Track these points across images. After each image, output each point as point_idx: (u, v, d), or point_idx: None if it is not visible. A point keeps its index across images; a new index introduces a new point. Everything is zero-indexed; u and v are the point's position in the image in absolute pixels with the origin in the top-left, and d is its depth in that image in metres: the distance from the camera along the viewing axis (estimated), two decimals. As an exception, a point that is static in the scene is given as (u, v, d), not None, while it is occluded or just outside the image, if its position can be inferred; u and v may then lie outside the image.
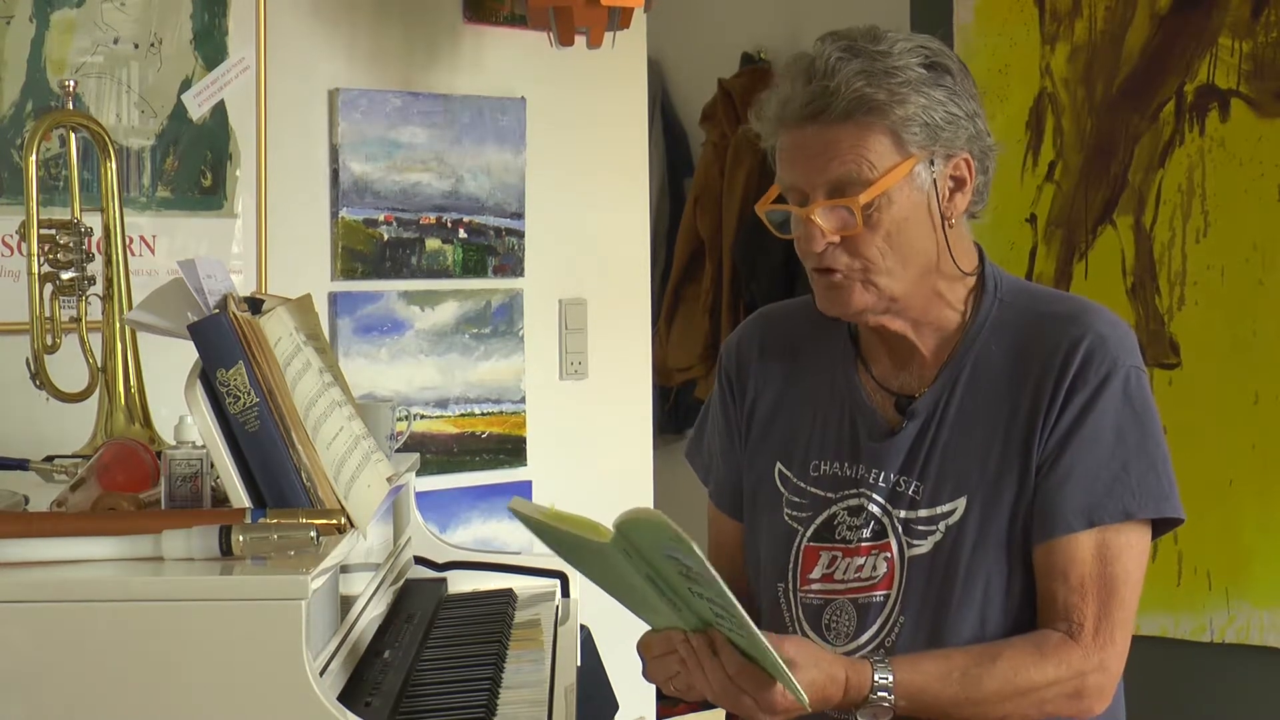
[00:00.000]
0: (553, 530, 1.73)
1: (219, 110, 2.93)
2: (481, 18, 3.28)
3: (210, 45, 2.91)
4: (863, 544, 1.93)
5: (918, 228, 1.88)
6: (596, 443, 3.47)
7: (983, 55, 3.85)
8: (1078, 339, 1.89)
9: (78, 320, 2.42)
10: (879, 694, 1.78)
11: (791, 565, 1.97)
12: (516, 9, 3.18)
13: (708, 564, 1.60)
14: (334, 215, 3.10)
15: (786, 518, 2.00)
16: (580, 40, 3.08)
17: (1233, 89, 3.56)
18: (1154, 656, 3.58)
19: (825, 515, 1.97)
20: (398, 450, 2.50)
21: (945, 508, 1.90)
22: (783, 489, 2.02)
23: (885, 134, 1.84)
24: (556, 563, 2.56)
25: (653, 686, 3.40)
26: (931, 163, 1.87)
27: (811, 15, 4.73)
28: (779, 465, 2.03)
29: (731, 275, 4.94)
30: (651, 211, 3.72)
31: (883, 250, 1.87)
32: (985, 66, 3.85)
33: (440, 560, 2.59)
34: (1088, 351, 1.88)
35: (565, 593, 2.54)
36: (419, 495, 2.67)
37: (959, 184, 1.91)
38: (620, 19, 3.04)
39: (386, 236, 3.15)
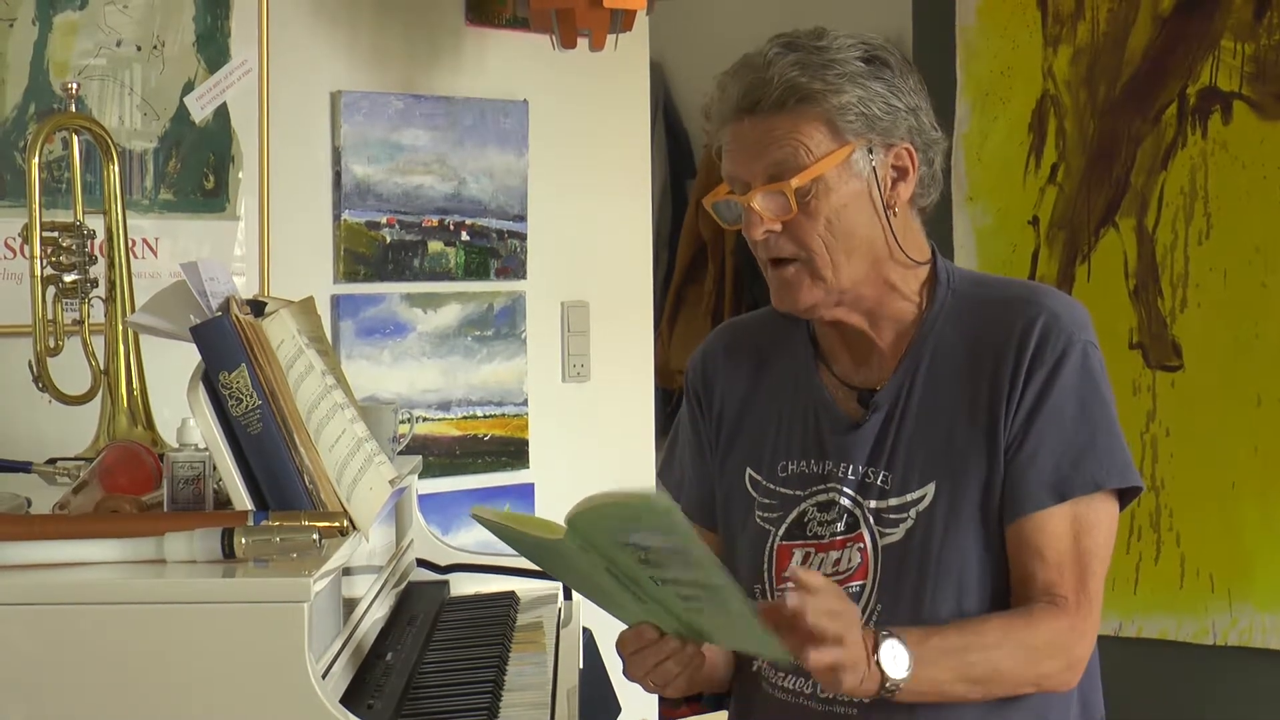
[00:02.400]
0: (513, 532, 1.74)
1: (221, 113, 2.93)
2: (483, 20, 3.28)
3: (212, 48, 2.91)
4: (835, 538, 1.95)
5: (859, 215, 1.90)
6: (599, 445, 3.47)
7: (985, 57, 3.85)
8: (1033, 318, 1.91)
9: (80, 323, 2.42)
10: (885, 640, 1.76)
11: (765, 566, 1.99)
12: (519, 11, 3.18)
13: (679, 523, 1.59)
14: (336, 218, 3.10)
15: (758, 520, 2.01)
16: (583, 43, 3.08)
17: (1235, 91, 3.56)
18: (1156, 659, 3.58)
19: (795, 513, 1.98)
20: (400, 453, 2.50)
21: (915, 494, 1.92)
22: (753, 493, 2.03)
23: (820, 121, 1.87)
24: (559, 565, 2.56)
25: (655, 689, 3.41)
26: (870, 151, 1.90)
27: (813, 18, 4.71)
28: (749, 470, 2.04)
29: (734, 277, 4.95)
30: (654, 214, 3.72)
31: (825, 240, 1.89)
32: (987, 69, 3.85)
33: (442, 563, 2.59)
34: (1043, 329, 1.90)
35: (567, 595, 2.54)
36: (421, 498, 2.68)
37: (901, 173, 1.93)
38: (623, 21, 3.04)
39: (389, 239, 3.15)
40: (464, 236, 3.25)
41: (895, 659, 1.77)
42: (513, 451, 3.33)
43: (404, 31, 3.20)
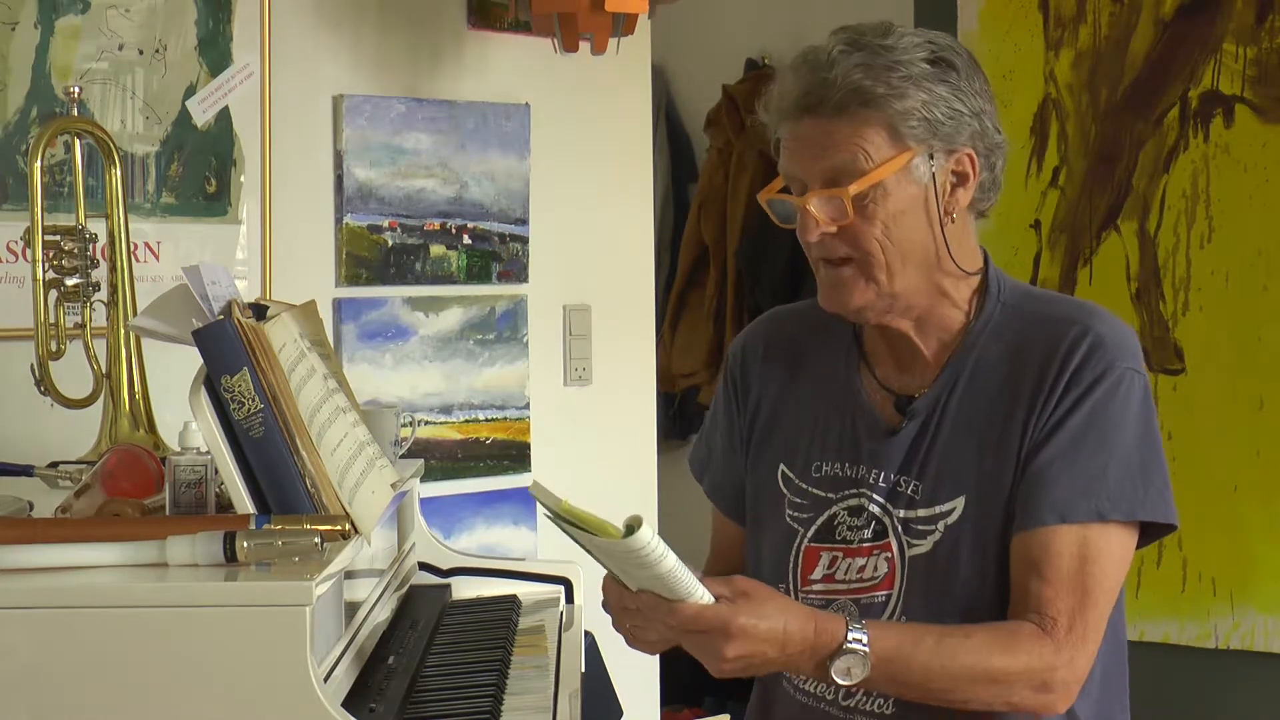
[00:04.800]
0: (564, 522, 1.77)
1: (223, 116, 2.93)
2: (486, 24, 3.28)
3: (215, 51, 2.91)
4: (864, 544, 1.93)
5: (915, 221, 1.88)
6: (601, 449, 3.47)
7: (987, 61, 3.83)
8: (1077, 339, 1.89)
9: (82, 326, 2.42)
10: (853, 642, 1.76)
11: (792, 566, 1.97)
12: (521, 15, 3.18)
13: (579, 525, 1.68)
14: (338, 221, 3.10)
15: (788, 519, 2.00)
16: (584, 46, 3.08)
17: (1237, 95, 3.56)
18: (1159, 663, 3.58)
19: (826, 516, 1.97)
20: (402, 456, 2.50)
21: (944, 507, 1.90)
22: (785, 490, 2.02)
23: (882, 126, 1.85)
24: (561, 569, 2.57)
25: (657, 692, 3.41)
26: (931, 157, 1.87)
27: (816, 20, 4.72)
28: (782, 467, 2.03)
29: (735, 281, 4.95)
30: (655, 217, 3.72)
31: (881, 243, 1.87)
32: (990, 72, 3.81)
33: (444, 566, 2.59)
34: (1086, 351, 1.87)
35: (570, 599, 2.54)
36: (423, 501, 2.67)
37: (961, 179, 1.91)
38: (624, 25, 3.04)
39: (391, 243, 3.15)
40: (466, 240, 3.25)
41: (849, 671, 1.77)
42: (515, 455, 3.32)
43: (406, 35, 3.20)
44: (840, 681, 1.77)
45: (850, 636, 1.76)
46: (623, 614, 1.82)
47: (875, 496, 1.94)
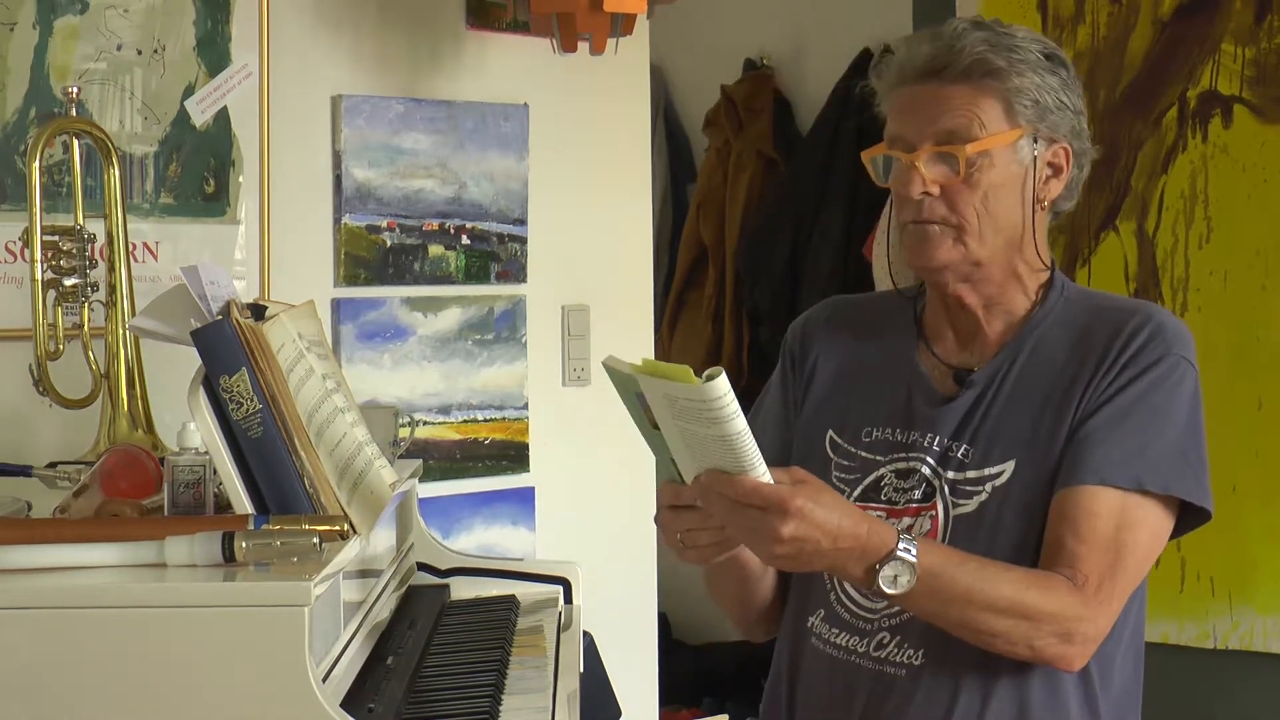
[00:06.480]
0: (632, 385, 1.76)
1: (222, 116, 2.93)
2: (484, 24, 3.28)
3: (213, 51, 2.91)
4: (910, 505, 1.97)
5: (1011, 199, 1.96)
6: (599, 449, 3.47)
7: (985, 61, 3.85)
8: (1140, 324, 1.96)
9: (81, 327, 2.42)
10: (903, 551, 1.78)
11: None
12: (519, 15, 3.17)
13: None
14: (337, 221, 3.10)
15: (834, 479, 2.04)
16: (583, 46, 3.08)
17: (1235, 95, 3.56)
18: (1157, 663, 3.57)
19: (873, 477, 2.02)
20: (400, 456, 2.50)
21: (994, 469, 1.95)
22: (832, 454, 2.06)
23: (999, 99, 1.94)
24: (559, 569, 2.57)
25: (656, 692, 3.41)
26: (1035, 140, 1.95)
27: (814, 21, 4.73)
28: (831, 433, 2.08)
29: (734, 281, 4.94)
30: (654, 218, 3.72)
31: (979, 211, 1.94)
32: (988, 72, 3.85)
33: (443, 566, 2.60)
34: (1148, 336, 1.94)
35: (568, 599, 2.54)
36: (422, 501, 2.68)
37: (1056, 171, 1.99)
38: (623, 25, 3.04)
39: (389, 243, 3.15)
40: (464, 240, 3.25)
41: (895, 579, 1.79)
42: (513, 455, 3.32)
43: (405, 35, 3.20)
44: (885, 590, 1.79)
45: (901, 545, 1.79)
46: (675, 518, 1.83)
47: (928, 459, 1.98)
